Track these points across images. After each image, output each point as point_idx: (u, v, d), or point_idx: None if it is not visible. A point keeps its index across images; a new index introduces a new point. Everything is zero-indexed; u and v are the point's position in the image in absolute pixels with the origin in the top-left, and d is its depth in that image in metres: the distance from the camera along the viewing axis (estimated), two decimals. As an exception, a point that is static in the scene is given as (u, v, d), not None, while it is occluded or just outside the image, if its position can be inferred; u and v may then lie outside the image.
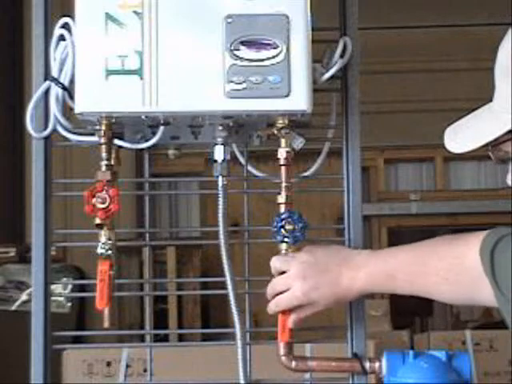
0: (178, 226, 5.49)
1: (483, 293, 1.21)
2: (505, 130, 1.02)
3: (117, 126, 1.58)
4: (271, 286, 1.51)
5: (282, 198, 1.59)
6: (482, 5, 5.33)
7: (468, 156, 5.98)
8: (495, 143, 1.06)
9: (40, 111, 1.65)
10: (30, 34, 1.68)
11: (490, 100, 1.12)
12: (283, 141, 1.58)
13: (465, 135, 1.11)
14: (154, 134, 1.61)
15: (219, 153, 1.59)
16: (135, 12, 1.52)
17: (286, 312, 1.52)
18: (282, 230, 1.57)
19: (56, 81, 1.59)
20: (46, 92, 1.63)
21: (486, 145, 1.08)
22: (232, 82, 1.51)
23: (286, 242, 1.58)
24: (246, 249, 1.80)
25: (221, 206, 1.58)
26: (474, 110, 1.20)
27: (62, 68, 1.59)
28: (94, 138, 1.60)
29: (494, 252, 1.18)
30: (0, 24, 5.01)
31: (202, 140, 1.65)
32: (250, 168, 1.78)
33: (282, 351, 1.58)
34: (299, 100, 1.52)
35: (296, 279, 1.46)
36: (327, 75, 1.65)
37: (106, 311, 1.53)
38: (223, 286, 1.60)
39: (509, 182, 1.11)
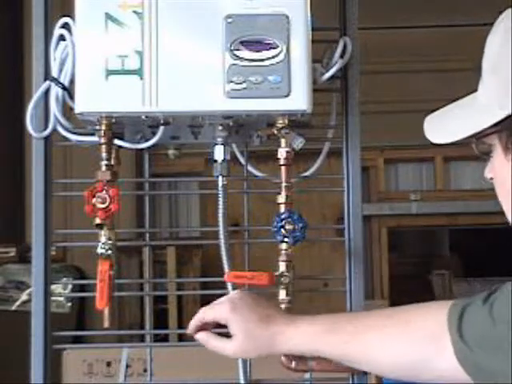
0: (178, 226, 5.49)
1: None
2: (492, 123, 1.01)
3: (117, 125, 1.58)
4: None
5: (281, 198, 1.59)
6: (482, 5, 5.33)
7: (468, 156, 5.98)
8: (480, 136, 1.06)
9: (40, 111, 1.65)
10: (30, 34, 1.68)
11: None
12: (283, 141, 1.58)
13: (448, 126, 1.10)
14: (153, 133, 1.61)
15: (219, 153, 1.59)
16: (135, 12, 1.52)
17: None
18: (282, 230, 1.57)
19: (56, 81, 1.59)
20: (46, 92, 1.63)
21: (470, 137, 1.07)
22: (232, 82, 1.51)
23: (286, 242, 1.58)
24: (246, 249, 1.80)
25: (221, 206, 1.58)
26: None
27: (61, 68, 1.59)
28: (94, 138, 1.60)
29: (463, 316, 1.19)
30: (0, 24, 5.01)
31: (202, 140, 1.65)
32: (250, 168, 1.78)
33: (282, 351, 1.58)
34: (299, 100, 1.52)
35: (226, 303, 1.39)
36: (327, 75, 1.65)
37: (106, 311, 1.53)
38: (223, 285, 1.60)
39: (487, 175, 1.11)
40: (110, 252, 1.55)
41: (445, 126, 1.10)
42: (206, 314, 1.39)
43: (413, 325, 1.27)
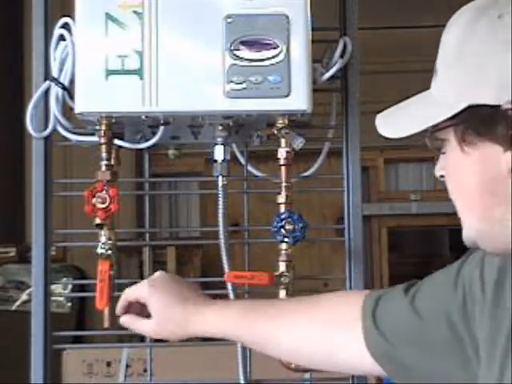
0: (178, 226, 5.48)
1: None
2: (449, 115, 1.00)
3: (117, 125, 1.58)
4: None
5: (281, 198, 1.59)
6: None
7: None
8: (434, 130, 1.05)
9: (40, 111, 1.65)
10: (30, 34, 1.68)
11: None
12: (283, 141, 1.58)
13: (402, 120, 1.09)
14: (154, 133, 1.61)
15: (219, 153, 1.59)
16: (135, 12, 1.52)
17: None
18: (282, 230, 1.57)
19: (56, 81, 1.59)
20: (46, 92, 1.63)
21: (425, 131, 1.06)
22: (232, 81, 1.51)
23: (286, 242, 1.58)
24: (246, 249, 1.80)
25: (221, 206, 1.58)
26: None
27: (62, 68, 1.59)
28: (94, 138, 1.60)
29: (376, 309, 1.20)
30: (0, 24, 5.01)
31: (202, 140, 1.66)
32: (250, 168, 1.78)
33: (282, 351, 1.58)
34: (299, 100, 1.52)
35: (145, 284, 1.39)
36: (327, 75, 1.65)
37: (106, 311, 1.53)
38: (223, 285, 1.60)
39: (438, 173, 1.11)
40: (109, 252, 1.55)
41: (398, 121, 1.09)
42: (127, 295, 1.39)
43: (326, 310, 1.27)
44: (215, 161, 1.59)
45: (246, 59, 1.51)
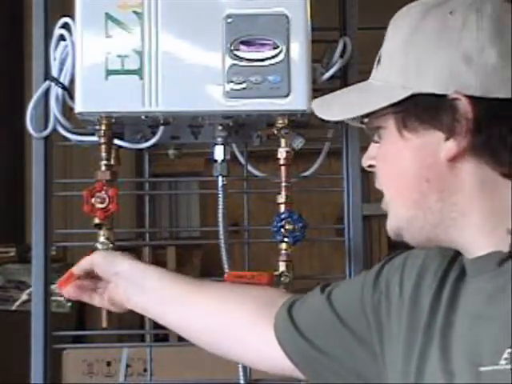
0: (178, 226, 5.49)
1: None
2: (391, 102, 1.01)
3: (117, 126, 1.58)
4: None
5: (281, 198, 1.59)
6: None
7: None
8: (372, 116, 1.06)
9: (40, 111, 1.65)
10: (30, 34, 1.68)
11: None
12: (283, 141, 1.58)
13: (340, 104, 1.10)
14: (153, 133, 1.61)
15: (219, 153, 1.59)
16: (135, 12, 1.52)
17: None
18: (282, 230, 1.57)
19: (56, 81, 1.59)
20: (46, 92, 1.63)
21: (364, 116, 1.07)
22: (232, 82, 1.51)
23: (286, 242, 1.58)
24: (246, 249, 1.80)
25: (221, 206, 1.58)
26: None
27: (62, 68, 1.59)
28: (94, 138, 1.60)
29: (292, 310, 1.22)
30: (0, 24, 5.01)
31: (202, 140, 1.66)
32: (250, 168, 1.78)
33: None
34: (299, 100, 1.52)
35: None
36: (327, 75, 1.65)
37: (105, 311, 1.53)
38: (223, 285, 1.60)
39: (366, 162, 1.12)
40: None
41: (338, 105, 1.10)
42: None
43: (244, 297, 1.30)
44: (215, 161, 1.59)
45: (246, 59, 1.51)
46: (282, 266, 1.58)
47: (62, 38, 1.59)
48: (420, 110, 1.01)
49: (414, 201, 1.04)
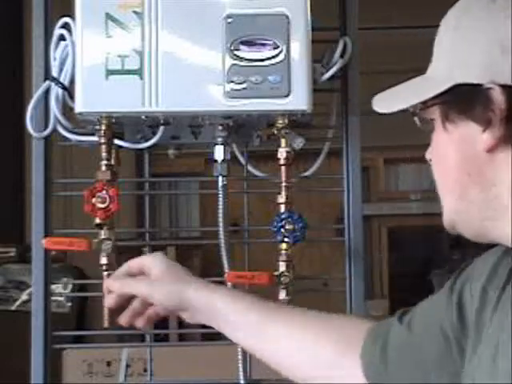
0: (178, 226, 5.49)
1: None
2: (435, 93, 1.01)
3: (117, 126, 1.58)
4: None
5: (281, 198, 1.59)
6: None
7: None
8: (422, 108, 1.05)
9: (40, 111, 1.65)
10: (30, 33, 1.68)
11: None
12: (283, 141, 1.58)
13: (392, 98, 1.10)
14: (154, 133, 1.61)
15: (219, 153, 1.59)
16: (135, 12, 1.52)
17: None
18: (282, 230, 1.57)
19: (56, 81, 1.59)
20: (46, 92, 1.63)
21: (414, 108, 1.07)
22: (232, 82, 1.51)
23: (286, 242, 1.58)
24: (246, 249, 1.80)
25: (221, 206, 1.58)
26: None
27: (62, 68, 1.59)
28: (94, 138, 1.60)
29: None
30: (0, 24, 5.01)
31: (202, 140, 1.66)
32: (250, 168, 1.78)
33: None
34: (299, 100, 1.52)
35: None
36: (327, 75, 1.65)
37: (106, 311, 1.53)
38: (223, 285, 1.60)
39: (427, 156, 1.11)
40: (109, 252, 1.55)
41: (390, 98, 1.10)
42: (130, 262, 1.32)
43: (328, 331, 1.23)
44: (215, 161, 1.59)
45: (246, 59, 1.51)
46: (282, 266, 1.58)
47: (62, 37, 1.59)
48: (458, 100, 1.00)
49: (458, 194, 1.03)
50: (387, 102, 1.11)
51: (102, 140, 1.56)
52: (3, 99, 4.87)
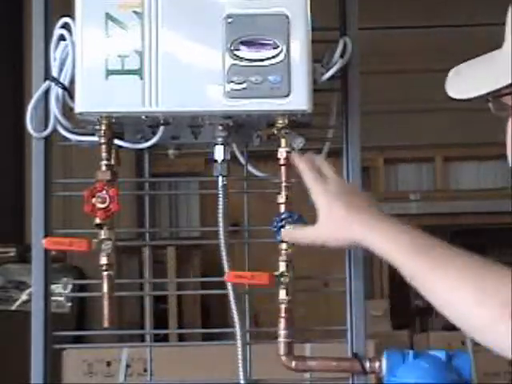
0: (178, 226, 5.49)
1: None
2: (507, 83, 0.98)
3: (117, 125, 1.58)
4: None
5: (281, 198, 1.59)
6: (481, 5, 5.33)
7: (468, 156, 5.98)
8: (496, 95, 1.03)
9: (40, 111, 1.65)
10: (30, 33, 1.68)
11: None
12: (283, 141, 1.58)
13: (466, 82, 1.07)
14: (154, 133, 1.61)
15: (219, 153, 1.59)
16: (135, 12, 1.52)
17: None
18: (282, 230, 1.57)
19: (56, 81, 1.59)
20: (46, 92, 1.63)
21: (487, 95, 1.04)
22: (232, 82, 1.51)
23: (286, 242, 1.58)
24: (246, 249, 1.80)
25: (221, 206, 1.58)
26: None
27: (62, 68, 1.59)
28: (94, 138, 1.60)
29: None
30: (0, 24, 5.01)
31: (202, 140, 1.65)
32: (250, 168, 1.78)
33: (282, 351, 1.58)
34: (299, 100, 1.52)
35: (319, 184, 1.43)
36: (327, 75, 1.65)
37: (106, 311, 1.53)
38: (223, 285, 1.60)
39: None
40: (109, 252, 1.55)
41: (463, 82, 1.07)
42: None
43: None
44: (215, 161, 1.59)
45: (246, 59, 1.51)
46: (282, 266, 1.58)
47: (62, 37, 1.59)
48: None
49: None
50: (462, 86, 1.08)
51: (102, 140, 1.56)
52: (3, 99, 4.87)
